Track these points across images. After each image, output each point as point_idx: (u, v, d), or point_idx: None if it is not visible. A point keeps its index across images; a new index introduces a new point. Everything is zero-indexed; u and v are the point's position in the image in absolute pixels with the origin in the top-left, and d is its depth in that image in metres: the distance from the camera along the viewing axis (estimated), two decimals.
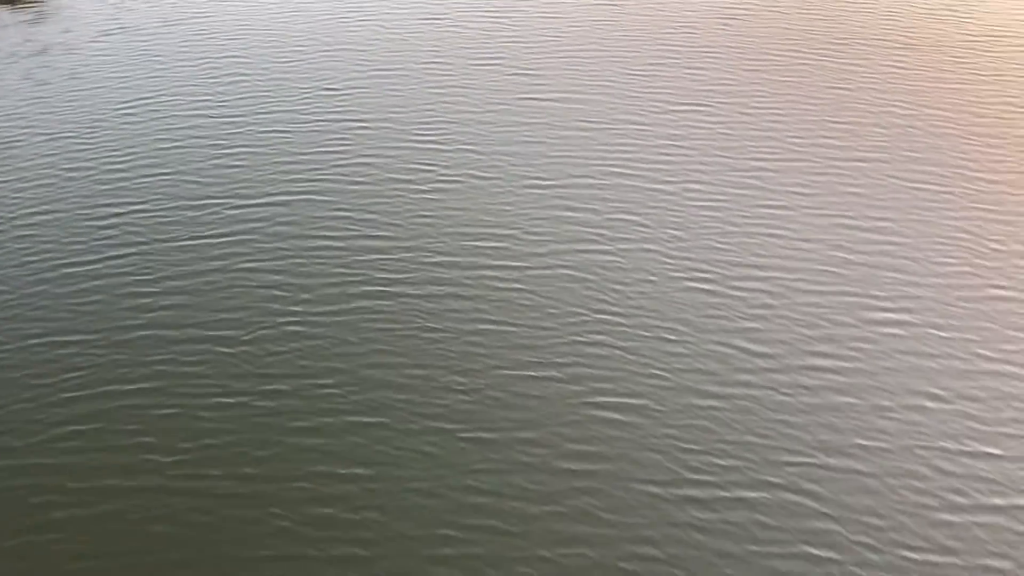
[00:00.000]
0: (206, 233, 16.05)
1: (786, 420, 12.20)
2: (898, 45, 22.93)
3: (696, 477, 11.40)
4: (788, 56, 22.31)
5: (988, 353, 13.30)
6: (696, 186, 17.26)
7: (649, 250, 15.52)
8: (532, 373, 12.98)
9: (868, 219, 16.27)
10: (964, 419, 12.22)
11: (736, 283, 14.70)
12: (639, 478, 11.39)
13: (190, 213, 16.67)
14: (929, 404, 12.43)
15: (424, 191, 17.28)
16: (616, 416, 12.27)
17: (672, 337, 13.62)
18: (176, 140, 19.30)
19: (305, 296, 14.44)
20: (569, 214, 16.48)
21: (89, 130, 19.75)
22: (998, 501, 11.10)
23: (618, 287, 14.67)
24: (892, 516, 10.92)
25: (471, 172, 17.85)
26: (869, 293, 14.45)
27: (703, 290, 14.57)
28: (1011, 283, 14.70)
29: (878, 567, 10.36)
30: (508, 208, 16.68)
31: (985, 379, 12.85)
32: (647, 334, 13.68)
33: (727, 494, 11.18)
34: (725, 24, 24.21)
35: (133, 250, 15.60)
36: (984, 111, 19.89)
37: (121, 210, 16.79)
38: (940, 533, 10.72)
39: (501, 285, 14.71)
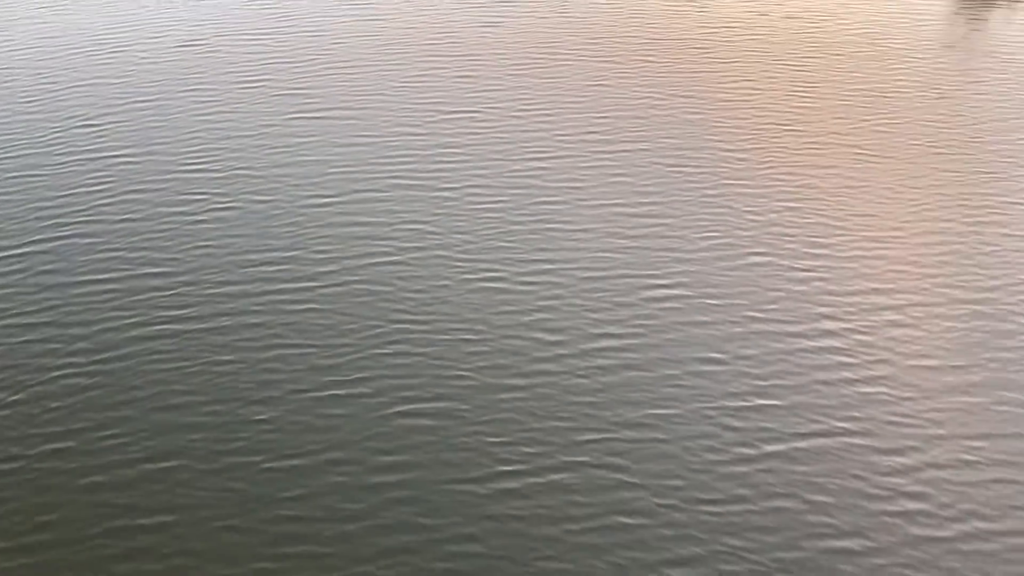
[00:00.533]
0: None
1: (585, 401, 12.71)
2: (645, 39, 24.47)
3: (508, 469, 11.66)
4: (548, 58, 23.26)
5: (755, 314, 14.47)
6: (477, 189, 17.64)
7: (439, 255, 15.69)
8: (335, 392, 12.78)
9: (637, 204, 17.26)
10: (743, 377, 13.23)
11: (524, 277, 15.15)
12: (453, 479, 11.50)
13: None
14: (711, 368, 13.36)
15: (199, 220, 16.59)
16: (424, 422, 12.32)
17: (470, 337, 13.84)
18: None
19: (80, 345, 13.47)
20: (356, 228, 16.37)
21: None
22: (780, 447, 12.10)
23: (413, 295, 14.73)
24: (691, 476, 11.65)
25: (248, 196, 17.32)
26: (646, 272, 15.33)
27: (495, 288, 14.92)
28: (767, 248, 16.07)
29: (683, 525, 11.02)
30: (291, 229, 16.33)
31: (756, 338, 13.97)
32: (446, 337, 13.83)
33: (539, 480, 11.50)
34: (486, 31, 24.89)
35: None
36: (727, 94, 21.61)
37: None
38: (733, 484, 11.55)
39: (293, 307, 14.38)
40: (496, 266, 15.45)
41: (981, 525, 11.15)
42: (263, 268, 15.26)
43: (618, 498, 11.31)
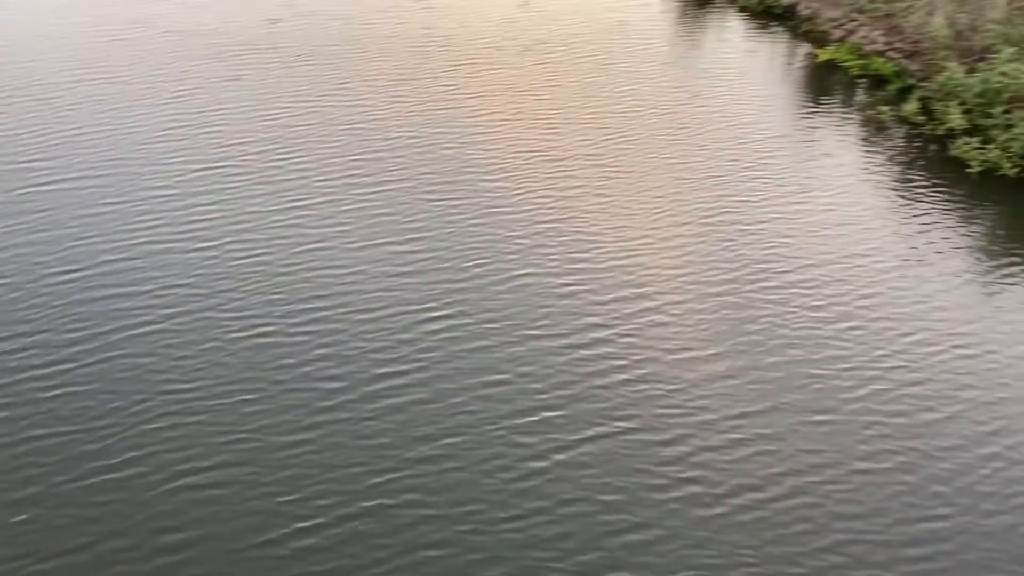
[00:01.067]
0: None
1: (375, 443, 12.60)
2: (391, 81, 24.79)
3: (304, 525, 11.33)
4: (295, 104, 23.00)
5: (530, 332, 14.96)
6: (237, 242, 17.06)
7: (205, 316, 15.02)
8: (105, 476, 11.88)
9: (403, 237, 17.39)
10: (526, 393, 13.63)
11: (298, 328, 14.82)
12: (247, 545, 11.03)
13: None
14: (495, 389, 13.66)
15: None
16: (208, 492, 11.72)
17: (248, 397, 13.34)
18: None
19: None
20: (108, 299, 15.32)
21: None
22: (567, 455, 12.58)
23: (180, 361, 13.99)
24: (488, 498, 11.84)
25: None
26: (421, 306, 15.45)
27: (267, 342, 14.48)
28: (533, 268, 16.68)
29: (487, 547, 11.18)
30: (34, 308, 15.02)
31: (533, 355, 14.44)
32: (221, 401, 13.24)
33: (339, 530, 11.29)
34: (227, 84, 24.27)
35: None
36: (478, 127, 22.30)
37: None
38: (529, 499, 11.87)
39: (47, 393, 13.22)
40: (266, 320, 15.01)
41: (753, 496, 12.13)
42: (6, 355, 13.93)
43: (420, 533, 11.29)
